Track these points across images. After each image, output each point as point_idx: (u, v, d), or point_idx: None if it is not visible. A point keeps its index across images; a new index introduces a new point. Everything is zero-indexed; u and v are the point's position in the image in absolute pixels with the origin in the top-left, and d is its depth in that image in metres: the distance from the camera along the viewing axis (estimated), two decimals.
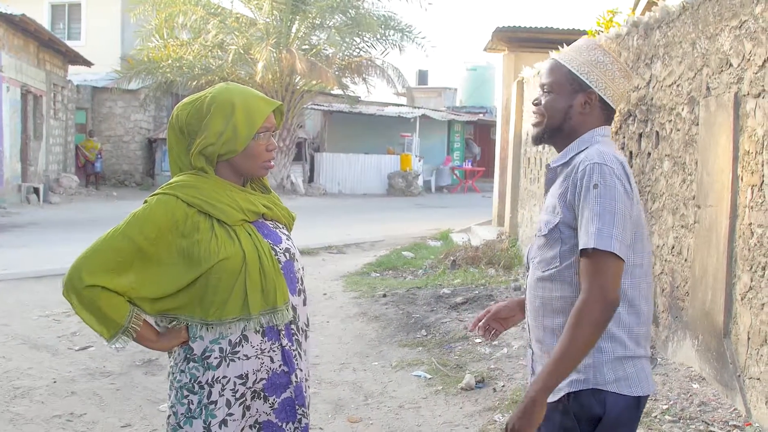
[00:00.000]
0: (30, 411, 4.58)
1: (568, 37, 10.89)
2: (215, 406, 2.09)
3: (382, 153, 26.97)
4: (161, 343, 2.15)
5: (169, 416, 2.15)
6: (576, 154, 2.11)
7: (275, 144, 2.22)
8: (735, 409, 4.07)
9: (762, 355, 3.81)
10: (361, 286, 8.47)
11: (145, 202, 2.15)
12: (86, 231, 12.87)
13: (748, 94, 3.99)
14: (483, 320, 2.42)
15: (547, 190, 2.21)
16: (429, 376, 5.22)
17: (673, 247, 5.09)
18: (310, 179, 25.75)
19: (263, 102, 2.17)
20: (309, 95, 23.94)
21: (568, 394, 2.02)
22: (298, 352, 2.21)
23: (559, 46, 8.39)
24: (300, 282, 2.26)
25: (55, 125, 20.84)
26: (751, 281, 3.94)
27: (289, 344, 2.18)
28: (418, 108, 26.87)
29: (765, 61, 3.80)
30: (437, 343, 5.99)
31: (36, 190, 18.00)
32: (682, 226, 4.93)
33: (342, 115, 27.30)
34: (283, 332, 2.16)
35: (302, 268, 2.30)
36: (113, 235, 2.09)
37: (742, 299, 4.05)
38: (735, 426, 3.91)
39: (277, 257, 2.16)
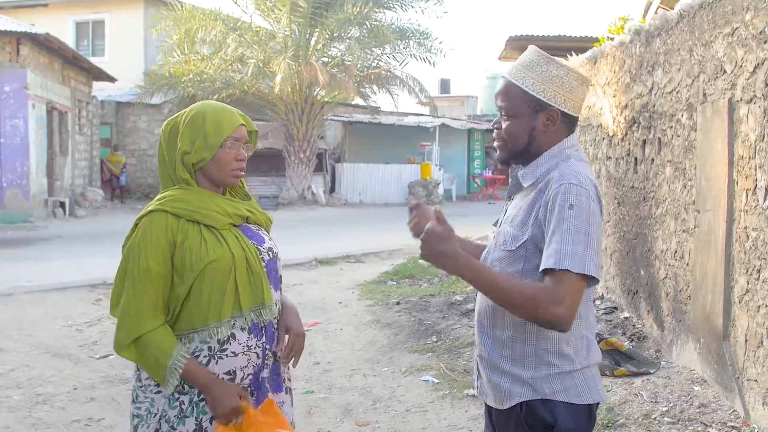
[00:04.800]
0: (51, 416, 4.76)
1: (580, 44, 10.98)
2: (205, 403, 2.22)
3: (402, 162, 27.07)
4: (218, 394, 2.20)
5: (161, 421, 2.23)
6: (546, 170, 2.07)
7: (244, 155, 2.35)
8: (734, 411, 4.13)
9: (759, 357, 3.88)
10: (376, 294, 8.59)
11: (136, 225, 2.27)
12: (111, 244, 13.09)
13: (741, 99, 4.07)
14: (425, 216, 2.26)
15: (509, 197, 2.22)
16: (437, 381, 5.33)
17: (675, 252, 5.16)
18: (332, 190, 25.91)
19: (233, 115, 2.34)
20: (329, 106, 24.14)
21: (521, 403, 2.05)
22: (269, 351, 2.32)
23: (569, 54, 8.50)
24: (280, 279, 2.42)
25: (80, 140, 21.26)
26: (748, 284, 4.01)
27: (266, 342, 2.30)
28: (438, 117, 26.94)
29: (756, 67, 3.89)
30: (447, 349, 6.09)
31: (62, 204, 18.35)
32: (684, 231, 5.01)
33: (362, 126, 27.46)
34: (264, 329, 2.29)
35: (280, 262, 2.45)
36: (134, 284, 2.19)
37: (739, 302, 4.12)
38: (733, 427, 3.97)
39: (261, 256, 2.32)
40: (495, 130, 2.17)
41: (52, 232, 15.43)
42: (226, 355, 2.22)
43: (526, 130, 2.09)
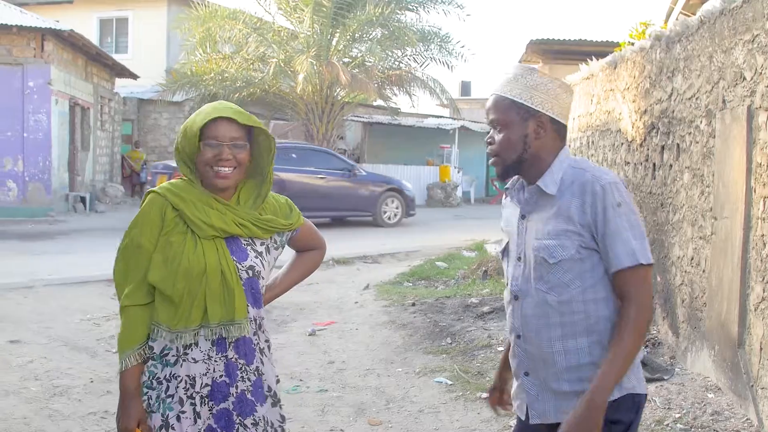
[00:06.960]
0: (67, 408, 4.82)
1: (601, 49, 10.93)
2: (172, 399, 2.23)
3: (421, 164, 27.07)
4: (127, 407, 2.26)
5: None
6: (565, 175, 2.11)
7: (226, 155, 2.23)
8: (747, 419, 4.12)
9: None
10: (392, 295, 8.61)
11: (143, 200, 2.33)
12: None
13: (760, 107, 4.06)
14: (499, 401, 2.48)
15: (524, 214, 2.19)
16: (450, 383, 5.35)
17: (692, 259, 5.15)
18: None
19: (215, 110, 2.25)
20: (349, 107, 24.18)
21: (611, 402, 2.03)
22: (245, 366, 2.29)
23: (589, 59, 8.48)
24: (261, 298, 2.36)
25: (101, 136, 21.44)
26: (764, 292, 3.99)
27: (236, 356, 2.27)
28: (457, 119, 26.90)
29: None
30: (461, 351, 6.11)
31: (83, 199, 18.49)
32: (701, 238, 4.99)
33: (382, 127, 27.48)
34: (232, 345, 2.26)
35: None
36: (126, 257, 2.30)
37: (755, 310, 4.10)
38: None
39: (239, 274, 2.26)
40: (488, 145, 2.21)
41: (73, 226, 15.57)
42: (187, 360, 2.24)
43: (520, 138, 2.15)
